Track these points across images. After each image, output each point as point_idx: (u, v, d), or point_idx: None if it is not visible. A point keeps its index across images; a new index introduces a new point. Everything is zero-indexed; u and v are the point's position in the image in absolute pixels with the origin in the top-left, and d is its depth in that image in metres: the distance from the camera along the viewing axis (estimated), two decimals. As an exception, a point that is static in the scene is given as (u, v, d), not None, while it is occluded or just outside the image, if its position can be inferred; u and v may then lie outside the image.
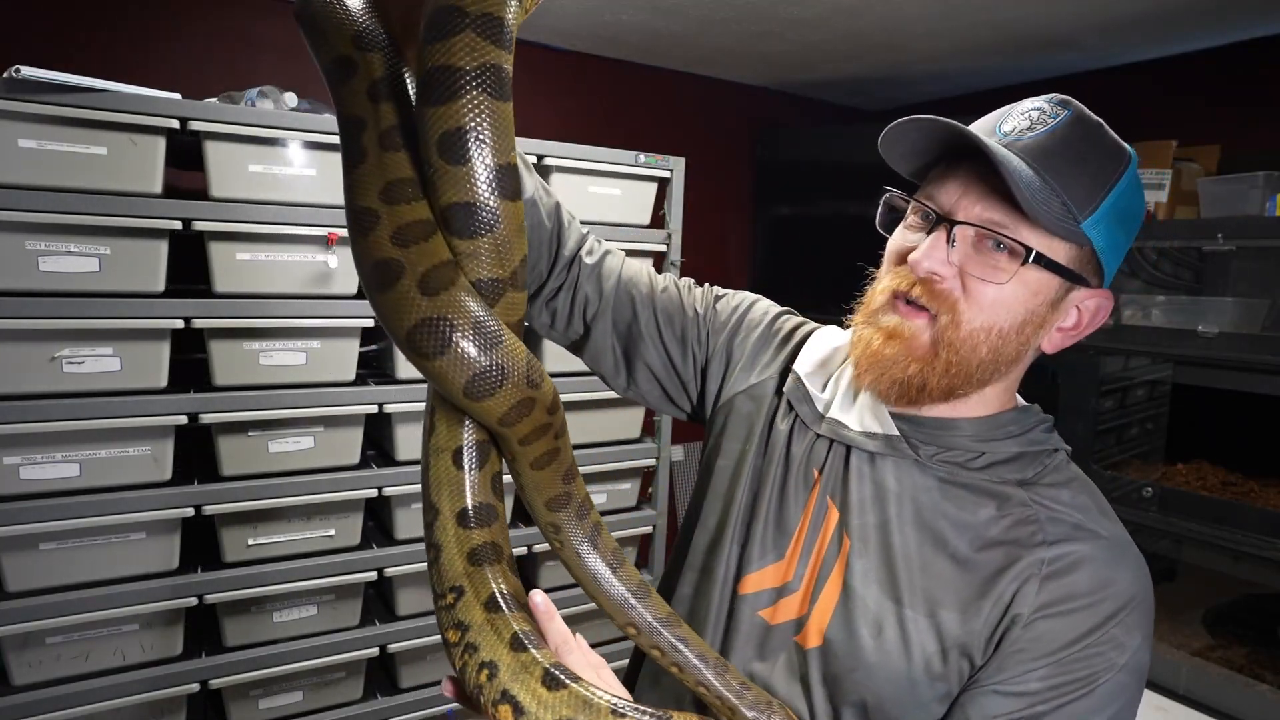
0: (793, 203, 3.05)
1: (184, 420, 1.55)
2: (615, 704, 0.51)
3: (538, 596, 0.58)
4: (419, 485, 0.63)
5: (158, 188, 1.50)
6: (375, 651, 1.79)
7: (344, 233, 1.70)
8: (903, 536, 0.71)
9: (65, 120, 1.41)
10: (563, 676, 0.52)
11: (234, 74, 2.09)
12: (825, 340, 0.86)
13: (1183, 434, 1.99)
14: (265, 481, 1.65)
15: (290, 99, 1.73)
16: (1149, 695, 1.81)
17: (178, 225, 1.49)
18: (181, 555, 1.62)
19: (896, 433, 0.74)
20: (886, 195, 0.76)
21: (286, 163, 1.63)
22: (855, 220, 2.91)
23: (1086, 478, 0.77)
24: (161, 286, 1.52)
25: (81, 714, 1.52)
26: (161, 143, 1.49)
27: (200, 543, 1.71)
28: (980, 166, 0.67)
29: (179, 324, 1.52)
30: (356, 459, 1.76)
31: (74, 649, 1.54)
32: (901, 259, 0.72)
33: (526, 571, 2.04)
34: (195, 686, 1.62)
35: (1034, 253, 0.66)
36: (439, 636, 1.01)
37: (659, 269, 2.17)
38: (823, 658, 0.72)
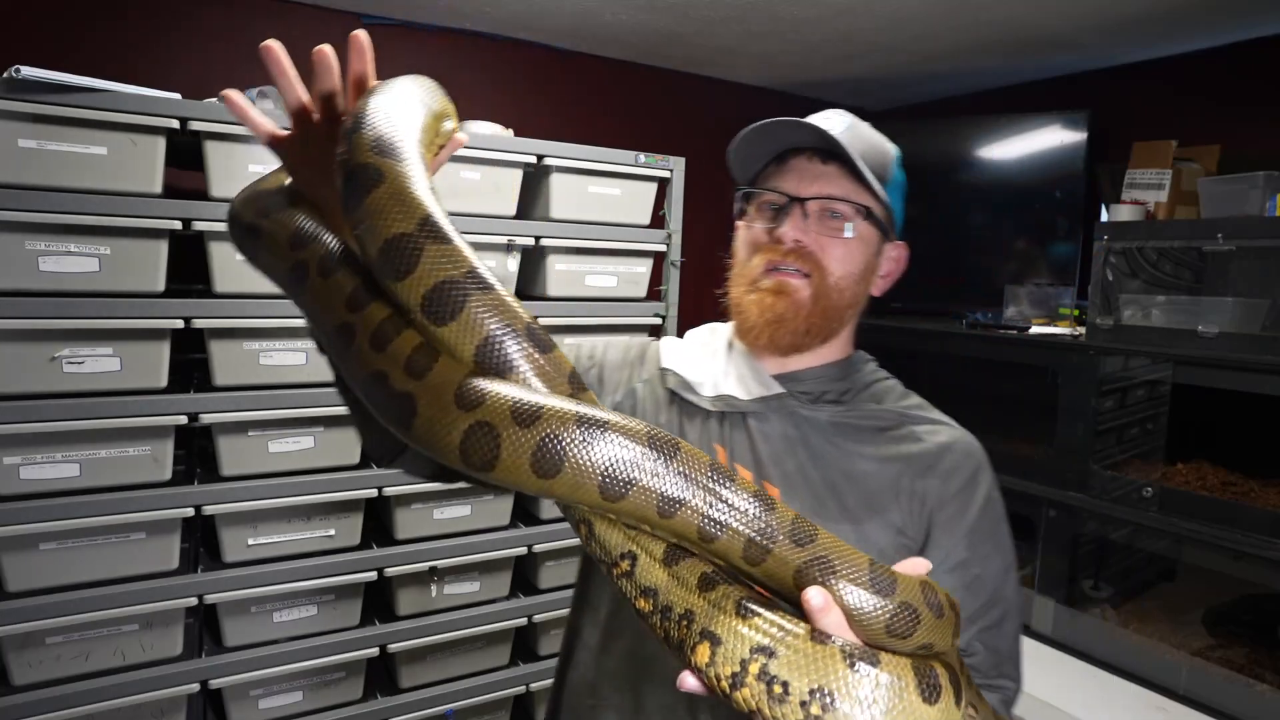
0: (793, 203, 3.05)
1: (184, 420, 1.55)
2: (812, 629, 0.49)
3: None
4: (419, 485, 0.63)
5: (158, 188, 1.50)
6: (375, 651, 1.79)
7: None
8: (820, 471, 0.84)
9: (65, 120, 1.41)
10: (755, 605, 0.50)
11: (234, 74, 2.09)
12: (677, 341, 0.99)
13: (1183, 434, 1.99)
14: (265, 481, 1.65)
15: (290, 99, 1.73)
16: (1149, 695, 1.81)
17: (178, 225, 1.49)
18: (181, 555, 1.62)
19: (782, 389, 0.88)
20: (740, 191, 0.92)
21: (286, 163, 1.63)
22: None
23: (904, 387, 0.96)
24: (161, 286, 1.52)
25: (81, 714, 1.52)
26: (161, 143, 1.49)
27: (201, 543, 1.71)
28: (807, 158, 0.87)
29: (179, 324, 1.52)
30: (356, 459, 1.76)
31: (74, 649, 1.54)
32: (759, 245, 0.88)
33: (526, 572, 2.04)
34: (195, 686, 1.62)
35: (867, 209, 0.86)
36: (441, 636, 1.00)
37: (659, 269, 2.17)
38: None
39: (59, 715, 1.49)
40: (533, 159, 1.89)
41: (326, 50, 0.62)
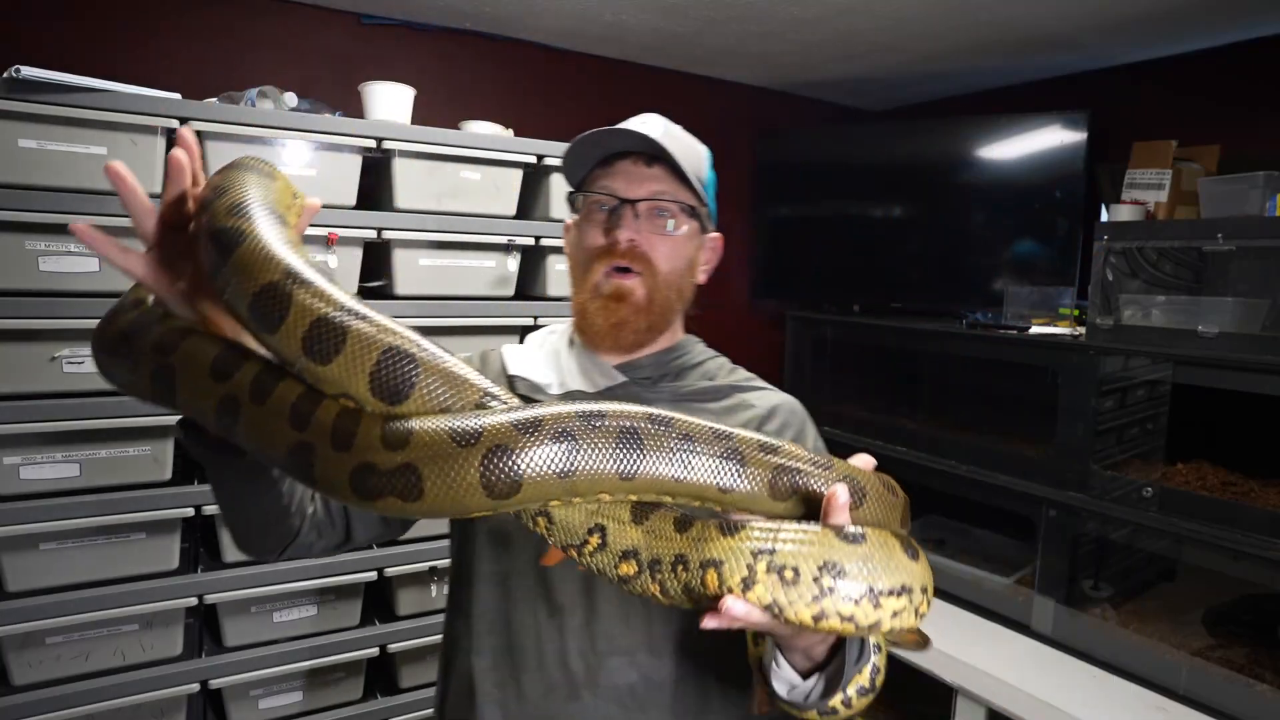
0: (793, 203, 3.05)
1: (184, 420, 1.55)
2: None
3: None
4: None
5: (157, 188, 1.50)
6: (375, 651, 1.79)
7: (343, 232, 1.71)
8: None
9: (65, 120, 1.41)
10: (734, 522, 0.58)
11: (234, 74, 2.09)
12: (518, 347, 1.05)
13: (1183, 434, 1.99)
14: (265, 481, 1.65)
15: (290, 99, 1.73)
16: (1149, 695, 1.81)
17: (178, 225, 1.49)
18: (181, 555, 1.62)
19: (625, 378, 0.96)
20: (572, 193, 0.98)
21: (286, 163, 1.63)
22: (855, 220, 2.92)
23: (728, 360, 1.06)
24: (161, 286, 1.52)
25: (81, 714, 1.52)
26: (161, 143, 1.49)
27: (201, 543, 1.71)
28: (632, 161, 0.94)
29: (179, 324, 1.52)
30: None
31: (74, 649, 1.54)
32: (595, 247, 0.94)
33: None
34: (195, 686, 1.62)
35: (691, 207, 0.95)
36: (439, 636, 1.02)
37: (659, 269, 2.17)
38: None
39: (59, 715, 1.49)
40: (533, 159, 1.89)
41: (179, 156, 0.66)
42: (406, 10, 2.29)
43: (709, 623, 0.57)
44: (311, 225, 1.63)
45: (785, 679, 0.73)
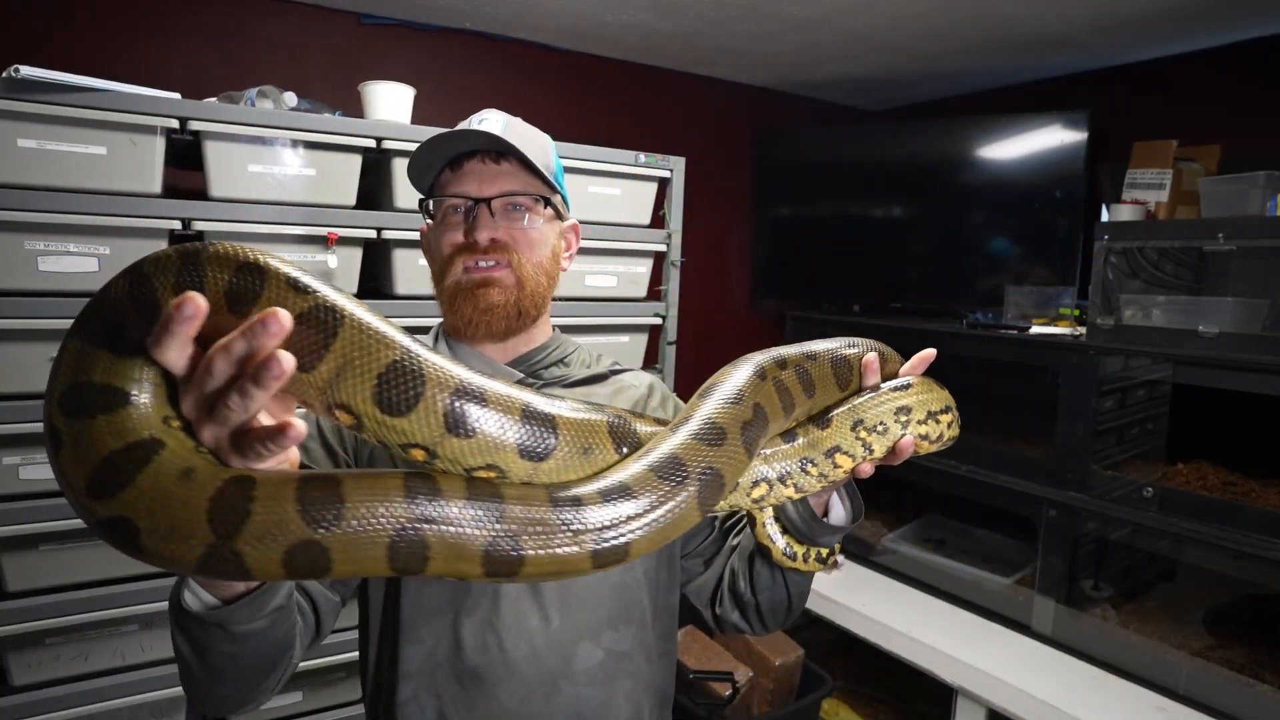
0: (793, 203, 3.05)
1: (184, 420, 1.55)
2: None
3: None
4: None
5: (157, 188, 1.50)
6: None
7: (343, 232, 1.71)
8: None
9: (65, 120, 1.41)
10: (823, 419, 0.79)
11: (234, 74, 2.09)
12: None
13: (1183, 434, 1.99)
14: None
15: (290, 99, 1.73)
16: (1149, 695, 1.80)
17: (177, 225, 1.49)
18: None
19: (519, 373, 0.99)
20: (424, 200, 0.99)
21: (286, 163, 1.63)
22: (855, 220, 2.92)
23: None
24: (161, 286, 1.52)
25: (81, 714, 1.52)
26: (161, 143, 1.49)
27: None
28: (480, 160, 0.94)
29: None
30: (356, 459, 1.76)
31: (74, 649, 1.54)
32: (455, 247, 0.95)
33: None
34: (195, 686, 1.62)
35: (544, 199, 0.97)
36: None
37: (659, 269, 2.17)
38: None
39: (59, 715, 1.49)
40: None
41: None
42: (406, 10, 2.29)
43: (866, 469, 0.80)
44: (310, 226, 1.63)
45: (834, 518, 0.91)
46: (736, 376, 0.68)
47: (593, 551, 0.50)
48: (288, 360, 0.43)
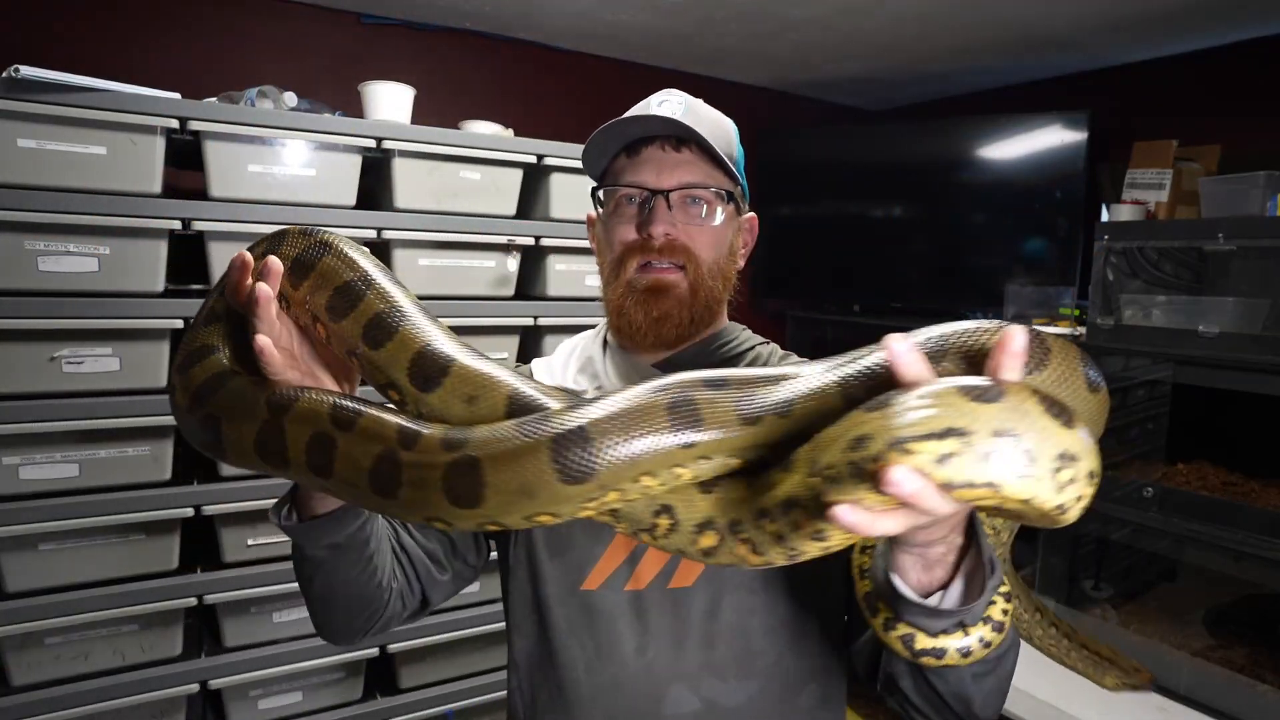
0: (793, 203, 3.05)
1: (184, 420, 1.55)
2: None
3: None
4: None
5: (157, 188, 1.50)
6: (375, 651, 1.79)
7: (343, 232, 1.70)
8: None
9: (65, 120, 1.41)
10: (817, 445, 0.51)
11: (234, 74, 2.09)
12: (547, 360, 1.00)
13: (1183, 434, 1.99)
14: (265, 482, 1.65)
15: (290, 99, 1.73)
16: (1149, 696, 1.80)
17: (177, 225, 1.49)
18: (181, 555, 1.62)
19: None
20: (598, 188, 0.92)
21: (286, 163, 1.63)
22: (855, 220, 2.92)
23: (783, 350, 0.98)
24: (161, 286, 1.52)
25: (81, 714, 1.52)
26: (161, 143, 1.49)
27: (201, 543, 1.70)
28: (659, 146, 0.87)
29: (179, 324, 1.52)
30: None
31: (73, 649, 1.54)
32: (628, 244, 0.87)
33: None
34: (195, 687, 1.62)
35: (727, 193, 0.88)
36: (441, 636, 1.02)
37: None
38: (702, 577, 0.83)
39: (59, 715, 1.49)
40: (533, 159, 1.89)
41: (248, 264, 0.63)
42: (406, 10, 2.29)
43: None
44: (311, 225, 1.63)
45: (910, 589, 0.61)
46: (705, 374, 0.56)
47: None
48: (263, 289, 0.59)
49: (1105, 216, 2.35)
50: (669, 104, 0.87)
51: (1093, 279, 2.00)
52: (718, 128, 0.89)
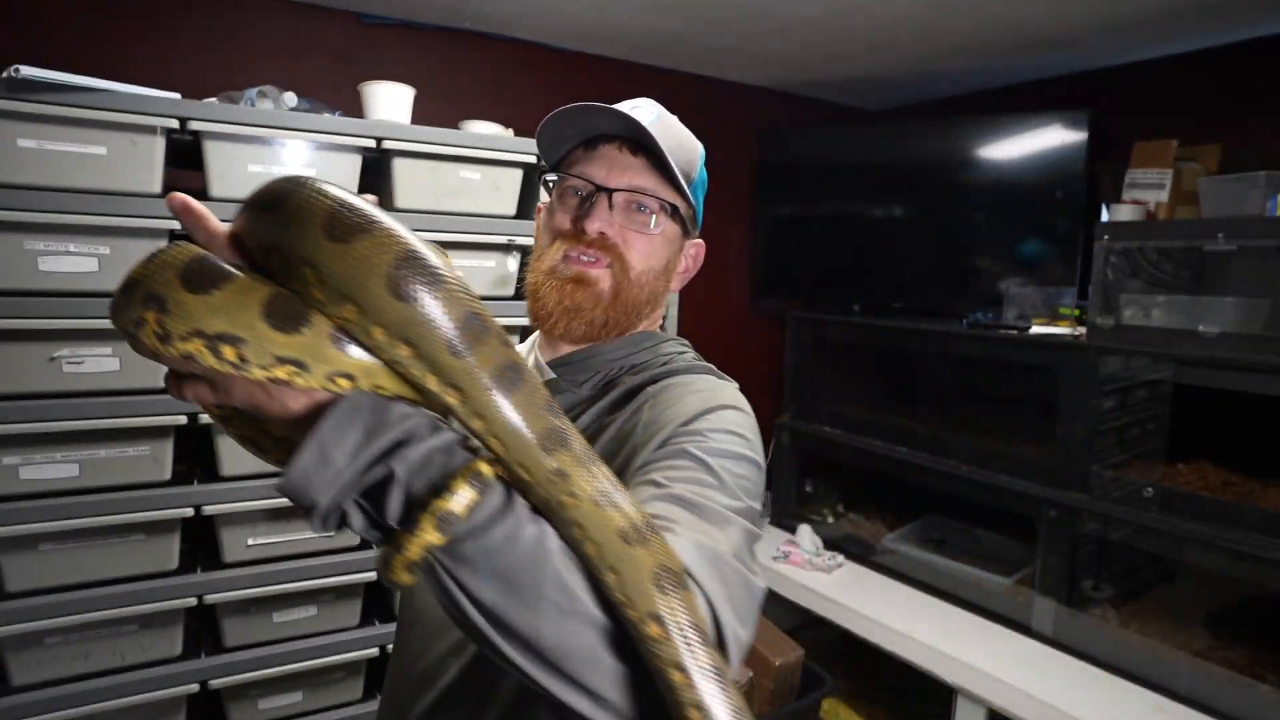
0: (793, 203, 3.05)
1: (184, 420, 1.55)
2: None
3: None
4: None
5: (157, 188, 1.50)
6: (375, 651, 1.79)
7: (344, 233, 1.70)
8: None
9: (65, 120, 1.41)
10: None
11: (234, 74, 2.09)
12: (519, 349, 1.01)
13: (1183, 434, 1.99)
14: (265, 482, 1.65)
15: (290, 99, 1.73)
16: (1149, 696, 1.80)
17: (177, 225, 1.49)
18: (181, 555, 1.62)
19: (554, 375, 0.88)
20: (546, 175, 0.90)
21: (286, 163, 1.63)
22: (855, 220, 2.92)
23: (710, 366, 0.89)
24: (161, 286, 1.51)
25: (81, 714, 1.52)
26: (161, 142, 1.49)
27: (201, 543, 1.71)
28: (617, 147, 0.86)
29: (179, 324, 1.51)
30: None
31: (74, 649, 1.54)
32: (562, 232, 0.86)
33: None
34: (195, 687, 1.62)
35: (674, 207, 0.86)
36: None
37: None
38: None
39: (59, 715, 1.49)
40: (532, 158, 1.89)
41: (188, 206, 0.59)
42: (406, 10, 2.29)
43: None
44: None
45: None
46: None
47: None
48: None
49: (1105, 216, 2.35)
50: (640, 110, 0.86)
51: (1093, 279, 2.00)
52: (681, 145, 0.88)
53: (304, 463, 0.49)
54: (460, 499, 0.49)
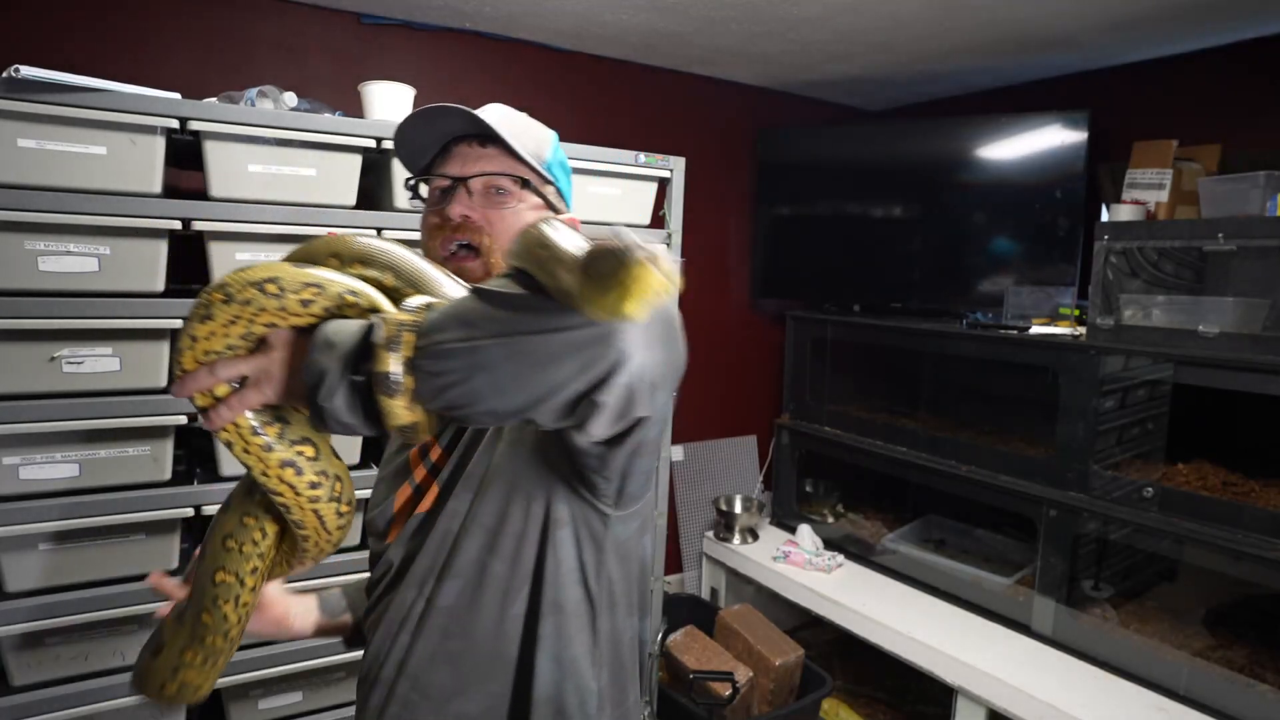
0: (793, 203, 3.05)
1: (184, 420, 1.55)
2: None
3: None
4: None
5: (157, 188, 1.50)
6: (375, 652, 1.79)
7: (343, 232, 1.70)
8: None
9: (65, 120, 1.41)
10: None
11: (234, 74, 2.09)
12: None
13: (1183, 434, 1.99)
14: (265, 481, 1.65)
15: (290, 99, 1.73)
16: (1149, 695, 1.81)
17: (177, 225, 1.49)
18: (181, 555, 1.62)
19: None
20: (410, 180, 0.99)
21: (286, 162, 1.63)
22: (855, 220, 2.92)
23: None
24: (161, 286, 1.52)
25: (81, 714, 1.52)
26: (161, 143, 1.49)
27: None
28: (467, 144, 0.94)
29: (179, 324, 1.52)
30: (357, 458, 1.76)
31: (74, 649, 1.54)
32: (433, 227, 0.93)
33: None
34: (195, 686, 1.62)
35: (524, 180, 0.93)
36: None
37: (659, 269, 2.16)
38: None
39: (59, 715, 1.49)
40: (533, 159, 1.89)
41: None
42: (406, 10, 2.29)
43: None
44: (311, 225, 1.63)
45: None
46: None
47: None
48: None
49: (1105, 216, 2.35)
50: (485, 110, 0.94)
51: (1093, 279, 2.00)
52: (527, 131, 0.97)
53: (310, 360, 0.65)
54: (394, 319, 0.64)
